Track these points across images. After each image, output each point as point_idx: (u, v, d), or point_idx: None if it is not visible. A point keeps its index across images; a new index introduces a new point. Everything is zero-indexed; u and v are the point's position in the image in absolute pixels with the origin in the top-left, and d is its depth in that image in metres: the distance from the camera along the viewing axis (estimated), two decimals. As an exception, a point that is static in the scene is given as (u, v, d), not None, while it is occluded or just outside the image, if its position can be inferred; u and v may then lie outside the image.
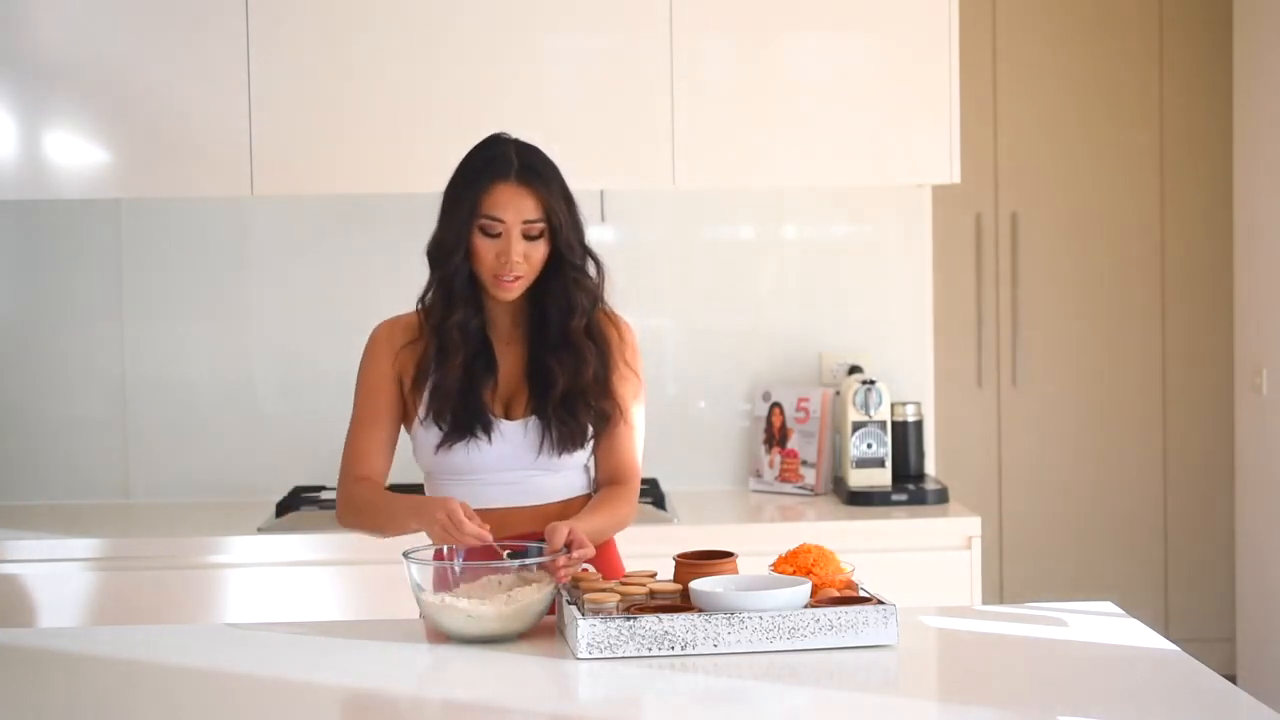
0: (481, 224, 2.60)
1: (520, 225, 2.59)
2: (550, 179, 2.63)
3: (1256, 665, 4.66)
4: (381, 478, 2.70)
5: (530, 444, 2.66)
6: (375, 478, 2.68)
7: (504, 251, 2.59)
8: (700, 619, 2.34)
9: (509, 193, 2.59)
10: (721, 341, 4.20)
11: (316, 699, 2.25)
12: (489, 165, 2.62)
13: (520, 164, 2.61)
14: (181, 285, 4.12)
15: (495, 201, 2.59)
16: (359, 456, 2.69)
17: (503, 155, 2.62)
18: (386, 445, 2.71)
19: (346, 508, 2.68)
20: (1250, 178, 4.65)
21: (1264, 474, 4.59)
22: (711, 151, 3.81)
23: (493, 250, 2.60)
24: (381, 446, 2.70)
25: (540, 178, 2.61)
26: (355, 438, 2.70)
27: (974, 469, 5.23)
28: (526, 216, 2.59)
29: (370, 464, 2.68)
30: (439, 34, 3.77)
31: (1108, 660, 2.38)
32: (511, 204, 2.59)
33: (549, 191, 2.61)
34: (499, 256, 2.60)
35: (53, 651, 2.52)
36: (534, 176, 2.61)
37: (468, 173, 2.64)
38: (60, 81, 3.76)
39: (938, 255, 4.56)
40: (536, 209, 2.60)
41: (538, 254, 2.62)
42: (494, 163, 2.62)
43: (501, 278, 2.61)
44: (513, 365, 2.70)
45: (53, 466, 4.11)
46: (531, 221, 2.60)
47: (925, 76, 3.82)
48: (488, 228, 2.60)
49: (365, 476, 2.68)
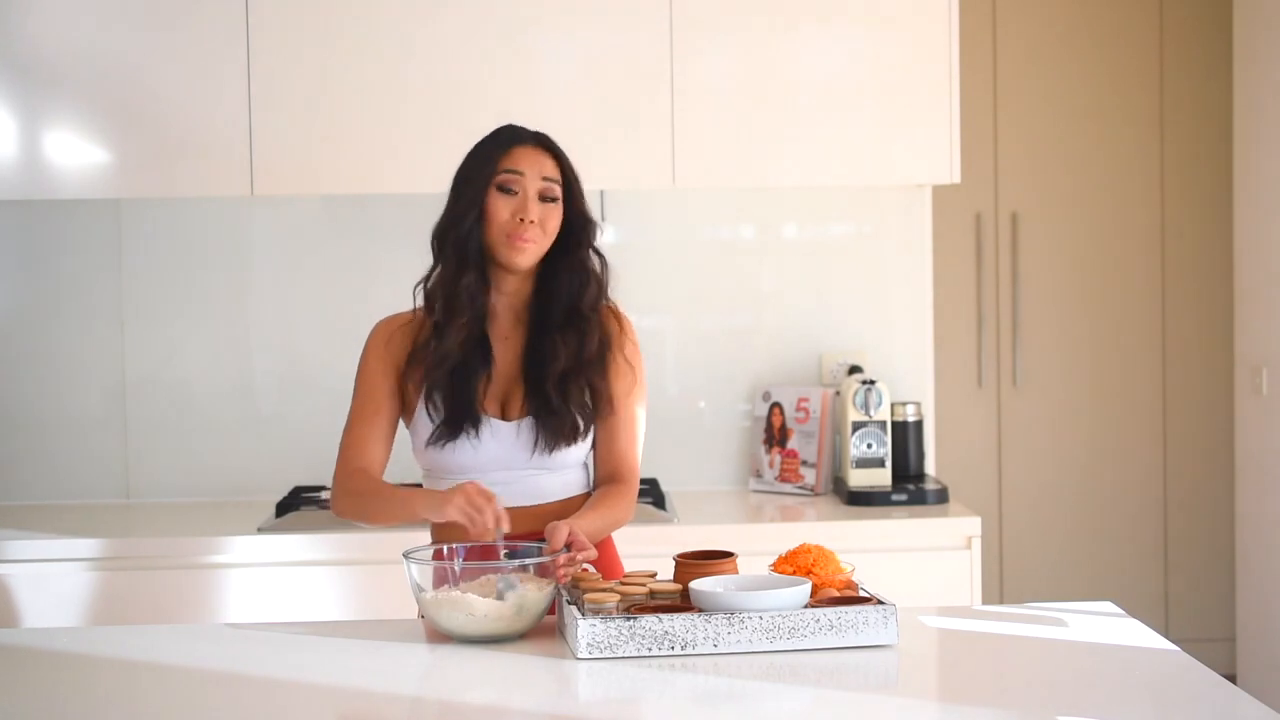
0: (501, 180, 2.64)
1: (539, 183, 2.65)
2: (564, 155, 2.72)
3: (1256, 665, 4.66)
4: (379, 469, 2.71)
5: (524, 444, 2.66)
6: (372, 469, 2.70)
7: (520, 208, 2.62)
8: (700, 619, 2.34)
9: (527, 152, 2.67)
10: (721, 341, 4.20)
11: (316, 699, 2.25)
12: (506, 135, 2.70)
13: (537, 134, 2.71)
14: (181, 285, 4.12)
15: (515, 158, 2.66)
16: (356, 447, 2.70)
17: (518, 129, 2.72)
18: (384, 438, 2.72)
19: (343, 496, 2.69)
20: (1250, 177, 4.65)
21: (1264, 474, 4.59)
22: (711, 151, 3.82)
23: (509, 208, 2.63)
24: (379, 439, 2.71)
25: (555, 147, 2.71)
26: (353, 430, 2.72)
27: (974, 469, 5.22)
28: (545, 174, 2.66)
29: (367, 455, 2.70)
30: (439, 34, 3.77)
31: (1108, 660, 2.37)
32: (531, 160, 2.66)
33: (565, 160, 2.70)
34: (515, 214, 2.62)
35: (53, 651, 2.52)
36: (551, 144, 2.71)
37: (481, 147, 2.70)
38: (60, 81, 3.76)
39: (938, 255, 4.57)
40: (555, 169, 2.68)
41: (553, 220, 2.66)
42: (511, 133, 2.71)
43: (515, 237, 2.63)
44: (508, 363, 2.71)
45: (53, 466, 4.11)
46: (549, 180, 2.66)
47: (925, 76, 3.82)
48: (507, 183, 2.64)
49: (362, 468, 2.69)
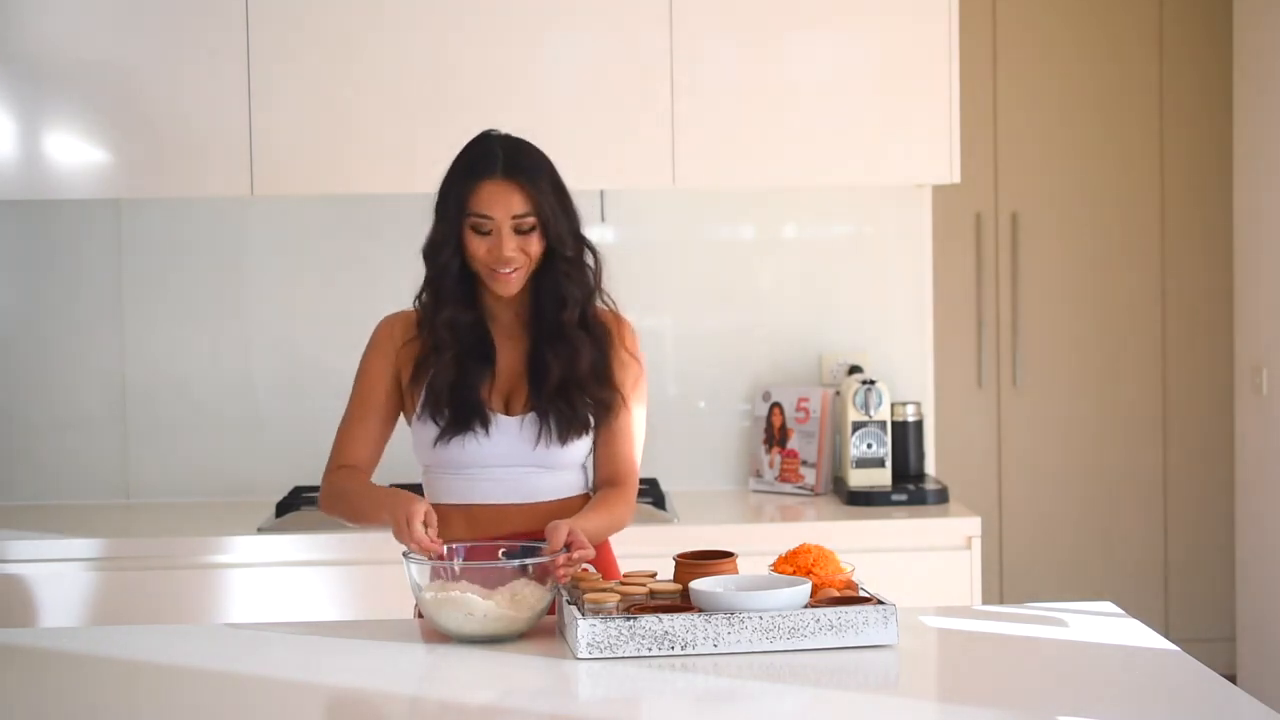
0: (472, 222, 2.61)
1: (510, 221, 2.60)
2: (537, 172, 2.62)
3: (1256, 665, 4.66)
4: (368, 468, 2.71)
5: (528, 439, 2.66)
6: (361, 467, 2.70)
7: (495, 247, 2.60)
8: (700, 619, 2.34)
9: (495, 190, 2.59)
10: (721, 341, 4.20)
11: (316, 699, 2.25)
12: (475, 164, 2.62)
13: (506, 161, 2.61)
14: (181, 285, 4.12)
15: (482, 199, 2.60)
16: (347, 445, 2.71)
17: (488, 153, 2.63)
18: (376, 438, 2.72)
19: (328, 494, 2.69)
20: (1250, 177, 4.65)
21: (1264, 474, 4.59)
22: (711, 151, 3.81)
23: (484, 247, 2.61)
24: (370, 438, 2.71)
25: (525, 172, 2.61)
26: (346, 427, 2.73)
27: (974, 469, 5.22)
28: (515, 212, 2.60)
29: (357, 453, 2.70)
30: (439, 34, 3.77)
31: (1108, 660, 2.37)
32: (499, 201, 2.59)
33: (536, 186, 2.61)
34: (491, 253, 2.61)
35: (53, 651, 2.52)
36: (519, 172, 2.61)
37: (455, 173, 2.65)
38: (60, 81, 3.76)
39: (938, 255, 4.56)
40: (524, 203, 2.60)
41: (533, 247, 2.63)
42: (480, 161, 2.62)
43: (497, 272, 2.62)
44: (514, 360, 2.71)
45: (53, 466, 4.11)
46: (520, 216, 2.60)
47: (925, 76, 3.82)
48: (479, 225, 2.61)
49: (350, 465, 2.69)
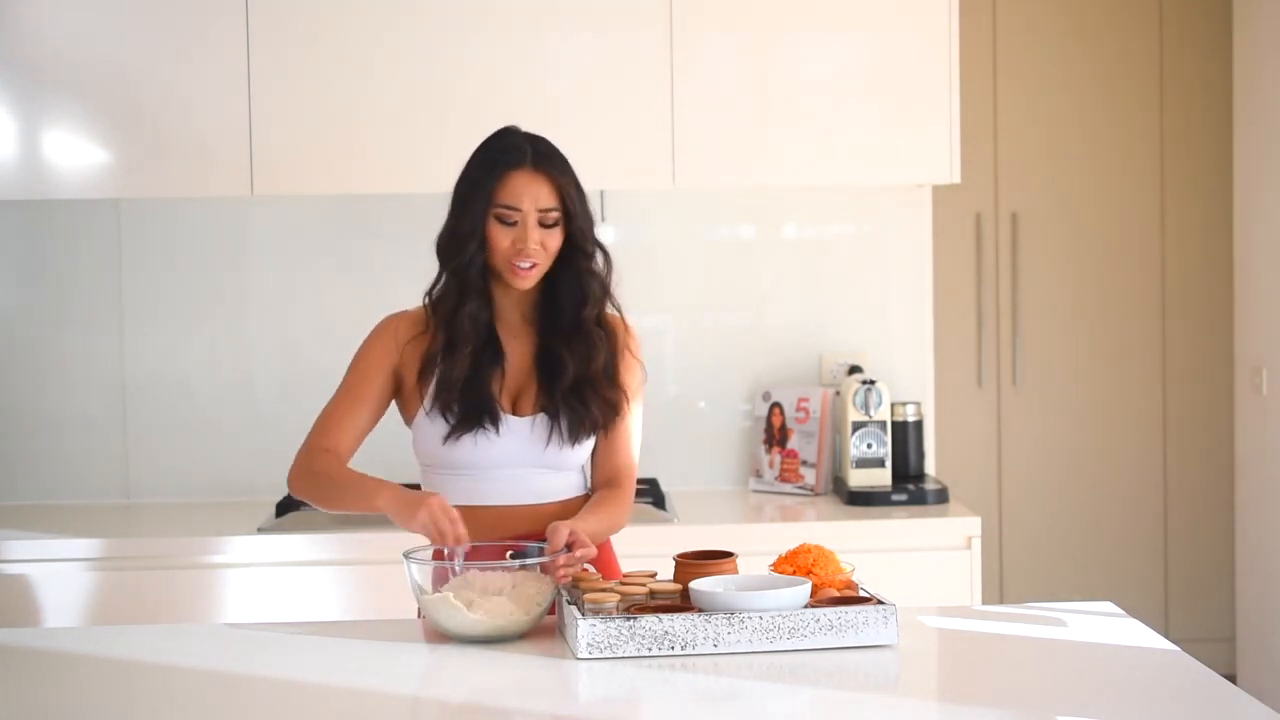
0: (498, 213, 2.60)
1: (536, 213, 2.60)
2: (564, 167, 2.65)
3: (1256, 665, 4.66)
4: (346, 456, 2.68)
5: (537, 439, 2.66)
6: (339, 454, 2.67)
7: (520, 239, 2.60)
8: (700, 619, 2.34)
9: (525, 180, 2.60)
10: (721, 341, 4.20)
11: (316, 699, 2.25)
12: (503, 154, 2.63)
13: (534, 152, 2.63)
14: (181, 285, 4.12)
15: (511, 190, 2.60)
16: (331, 428, 2.68)
17: (516, 145, 2.64)
18: (359, 428, 2.69)
19: (304, 471, 2.66)
20: (1250, 177, 4.65)
21: (1264, 474, 4.59)
22: (711, 151, 3.81)
23: (509, 238, 2.61)
24: (355, 427, 2.68)
25: (554, 165, 2.63)
26: (332, 412, 2.69)
27: (974, 469, 5.22)
28: (542, 204, 2.61)
29: (338, 439, 2.67)
30: (439, 34, 3.77)
31: (1108, 660, 2.37)
32: (528, 192, 2.60)
33: (564, 179, 2.63)
34: (515, 244, 2.60)
35: (53, 651, 2.52)
36: (548, 164, 2.63)
37: (482, 164, 2.65)
38: (60, 81, 3.76)
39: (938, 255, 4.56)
40: (552, 196, 2.61)
41: (553, 242, 2.63)
42: (508, 152, 2.63)
43: (518, 266, 2.61)
44: (521, 359, 2.70)
45: (53, 466, 4.11)
46: (547, 209, 2.61)
47: (925, 77, 3.82)
48: (504, 216, 2.60)
49: (330, 449, 2.66)
